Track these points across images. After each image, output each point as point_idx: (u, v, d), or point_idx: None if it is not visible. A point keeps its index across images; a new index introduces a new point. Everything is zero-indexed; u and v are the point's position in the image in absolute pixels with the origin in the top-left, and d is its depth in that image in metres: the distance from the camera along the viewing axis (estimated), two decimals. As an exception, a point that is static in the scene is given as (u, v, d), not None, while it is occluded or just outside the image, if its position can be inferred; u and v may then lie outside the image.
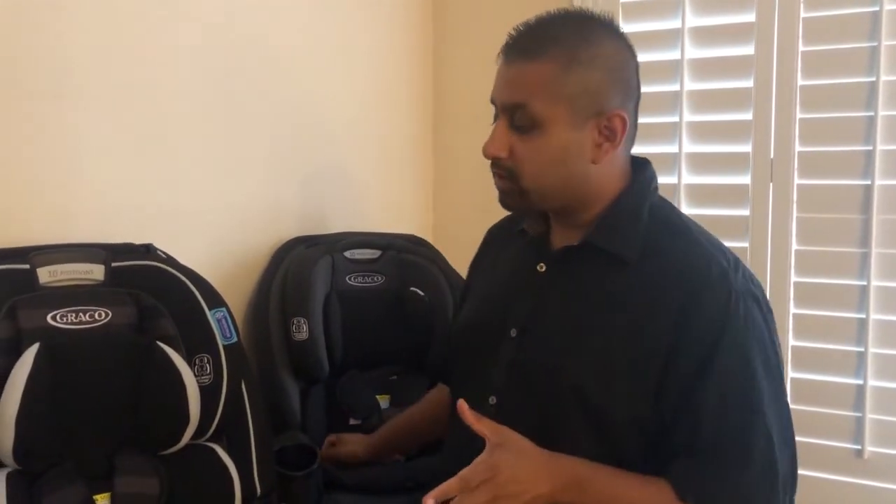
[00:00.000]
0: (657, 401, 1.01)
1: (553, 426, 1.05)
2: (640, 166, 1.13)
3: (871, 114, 1.65)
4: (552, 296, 1.10)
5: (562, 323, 1.08)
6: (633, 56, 1.10)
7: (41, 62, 1.33)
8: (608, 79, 1.05)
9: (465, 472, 0.96)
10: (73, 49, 1.37)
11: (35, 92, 1.32)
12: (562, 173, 1.05)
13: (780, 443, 1.01)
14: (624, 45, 1.09)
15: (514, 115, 1.04)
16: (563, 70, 1.02)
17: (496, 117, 1.09)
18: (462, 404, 1.00)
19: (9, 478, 1.11)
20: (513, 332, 1.10)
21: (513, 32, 1.07)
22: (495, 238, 1.31)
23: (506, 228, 1.29)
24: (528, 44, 1.04)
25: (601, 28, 1.07)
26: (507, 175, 1.07)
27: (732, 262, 1.07)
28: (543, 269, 1.11)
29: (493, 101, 1.09)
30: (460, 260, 1.91)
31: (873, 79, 1.65)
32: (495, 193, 1.36)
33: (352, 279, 1.76)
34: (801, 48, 1.71)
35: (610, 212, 1.08)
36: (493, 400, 1.10)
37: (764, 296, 1.09)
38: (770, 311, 1.09)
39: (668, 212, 1.13)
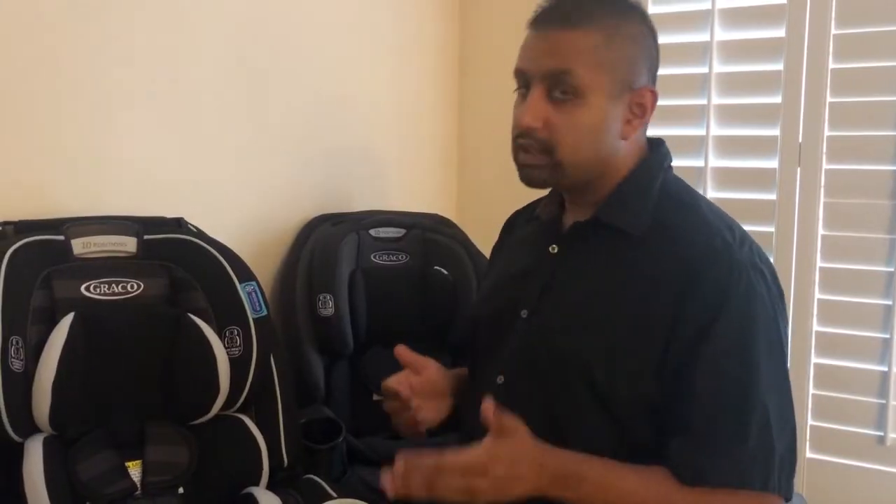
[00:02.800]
0: (658, 376, 0.99)
1: (560, 406, 1.04)
2: (655, 145, 1.13)
3: (903, 98, 1.64)
4: (562, 275, 1.09)
5: (569, 302, 1.07)
6: (657, 38, 1.11)
7: (77, 42, 1.34)
8: (641, 55, 1.06)
9: (464, 456, 0.94)
10: (107, 28, 1.39)
11: (71, 70, 1.34)
12: (596, 145, 1.04)
13: (777, 420, 0.98)
14: (651, 26, 1.10)
15: (555, 83, 1.02)
16: (607, 40, 1.02)
17: (525, 88, 1.05)
18: (487, 407, 0.96)
19: (45, 443, 1.13)
20: (524, 314, 1.10)
21: (545, 4, 1.06)
22: (514, 223, 1.32)
23: (524, 213, 1.30)
24: (570, 11, 1.03)
25: (632, 6, 1.09)
26: (539, 148, 1.04)
27: (739, 236, 1.05)
28: (555, 250, 1.11)
29: (521, 73, 1.06)
30: (484, 239, 1.91)
31: (906, 63, 1.63)
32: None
33: (377, 257, 1.77)
34: (833, 31, 1.69)
35: (620, 188, 1.08)
36: (500, 379, 1.10)
37: (772, 272, 1.05)
38: (779, 288, 1.06)
39: (678, 188, 1.12)
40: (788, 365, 1.06)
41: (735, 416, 0.97)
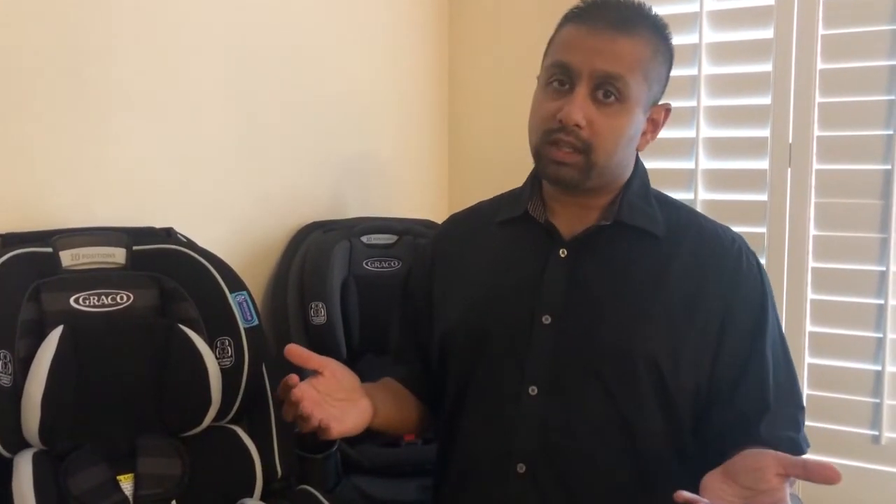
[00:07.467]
0: (714, 365, 1.07)
1: (621, 404, 1.06)
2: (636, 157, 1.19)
3: (892, 97, 1.64)
4: (584, 278, 1.10)
5: (605, 302, 1.08)
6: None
7: (65, 50, 1.33)
8: (667, 74, 1.10)
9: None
10: (96, 37, 1.38)
11: (59, 79, 1.33)
12: (624, 153, 1.08)
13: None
14: (672, 47, 1.15)
15: (602, 85, 1.02)
16: (653, 53, 1.04)
17: (563, 82, 1.03)
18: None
19: (35, 458, 1.12)
20: (546, 320, 1.09)
21: (591, 1, 1.05)
22: (453, 241, 1.27)
23: (462, 227, 1.27)
24: (626, 18, 1.02)
25: (665, 25, 1.11)
26: (576, 146, 1.03)
27: (731, 232, 1.16)
28: (565, 253, 1.11)
29: (564, 66, 1.03)
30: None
31: (894, 62, 1.64)
32: (510, 179, 1.35)
33: (369, 264, 1.76)
34: (821, 31, 1.70)
35: (626, 194, 1.12)
36: (533, 390, 1.08)
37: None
38: None
39: (660, 192, 1.19)
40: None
41: (794, 392, 1.11)
